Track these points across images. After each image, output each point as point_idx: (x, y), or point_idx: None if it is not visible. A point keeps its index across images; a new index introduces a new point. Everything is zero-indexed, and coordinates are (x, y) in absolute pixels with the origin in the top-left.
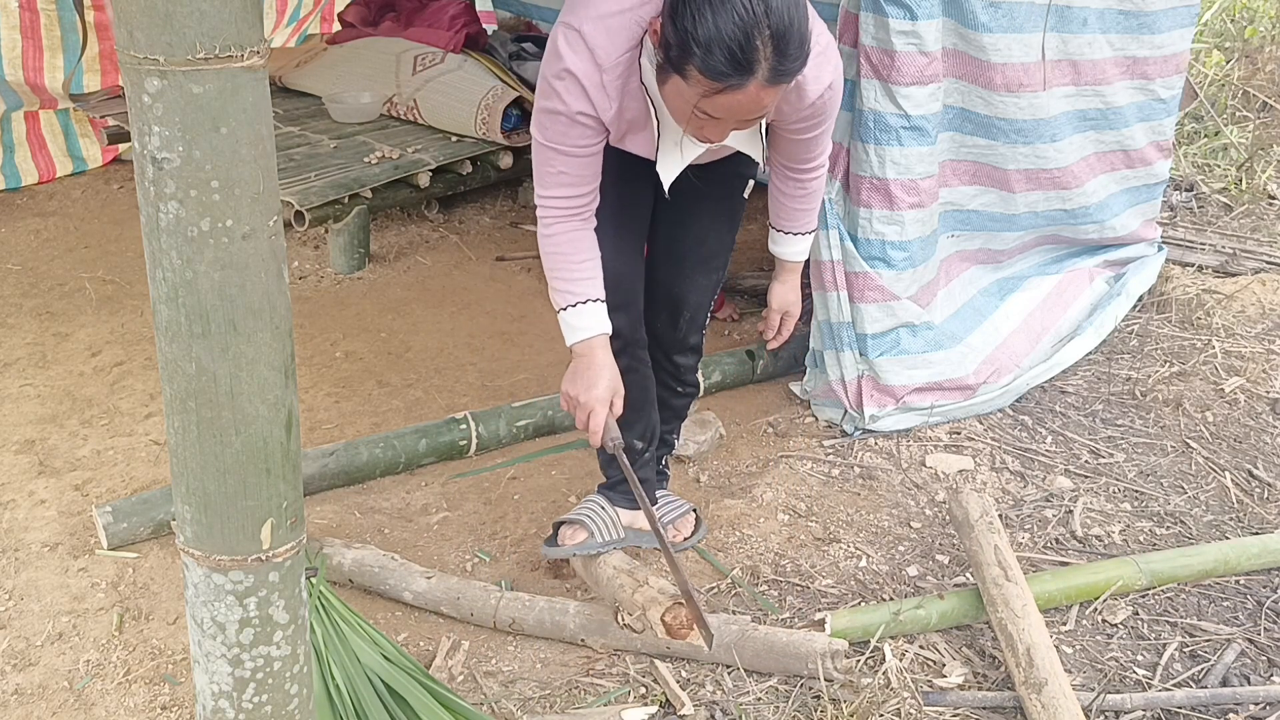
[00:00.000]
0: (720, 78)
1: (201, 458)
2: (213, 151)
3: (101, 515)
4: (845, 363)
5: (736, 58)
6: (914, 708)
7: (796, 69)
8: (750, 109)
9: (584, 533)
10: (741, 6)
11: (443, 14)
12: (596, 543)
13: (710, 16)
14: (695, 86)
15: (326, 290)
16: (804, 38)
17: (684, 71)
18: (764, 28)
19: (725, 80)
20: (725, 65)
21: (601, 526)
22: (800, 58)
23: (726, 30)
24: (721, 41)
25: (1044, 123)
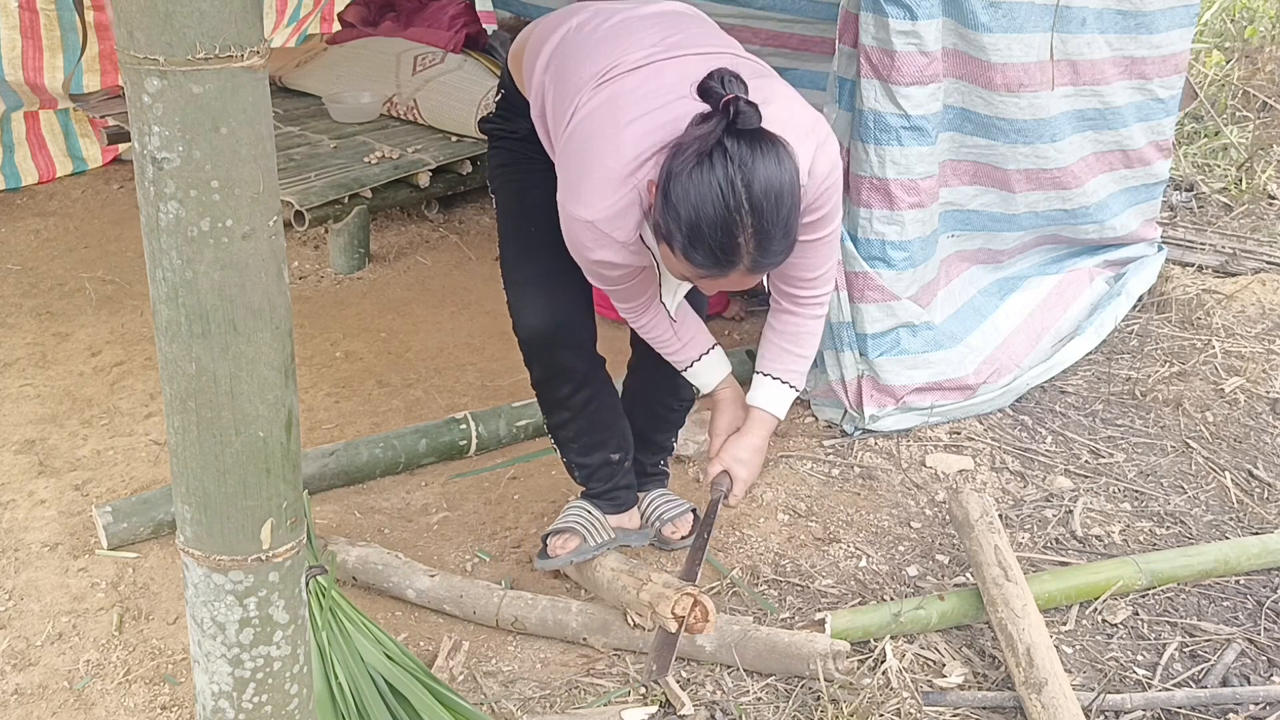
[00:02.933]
0: (702, 267)
1: (201, 458)
2: (213, 151)
3: (101, 515)
4: (845, 363)
5: (716, 254)
6: (914, 708)
7: (780, 260)
8: (739, 285)
9: (576, 539)
10: (724, 204)
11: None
12: (590, 546)
13: (695, 209)
14: (682, 265)
15: (326, 290)
16: (789, 229)
17: (672, 249)
18: (746, 226)
19: (706, 270)
20: (706, 259)
21: (592, 530)
22: (784, 251)
23: (708, 226)
24: (703, 236)
25: (1044, 123)
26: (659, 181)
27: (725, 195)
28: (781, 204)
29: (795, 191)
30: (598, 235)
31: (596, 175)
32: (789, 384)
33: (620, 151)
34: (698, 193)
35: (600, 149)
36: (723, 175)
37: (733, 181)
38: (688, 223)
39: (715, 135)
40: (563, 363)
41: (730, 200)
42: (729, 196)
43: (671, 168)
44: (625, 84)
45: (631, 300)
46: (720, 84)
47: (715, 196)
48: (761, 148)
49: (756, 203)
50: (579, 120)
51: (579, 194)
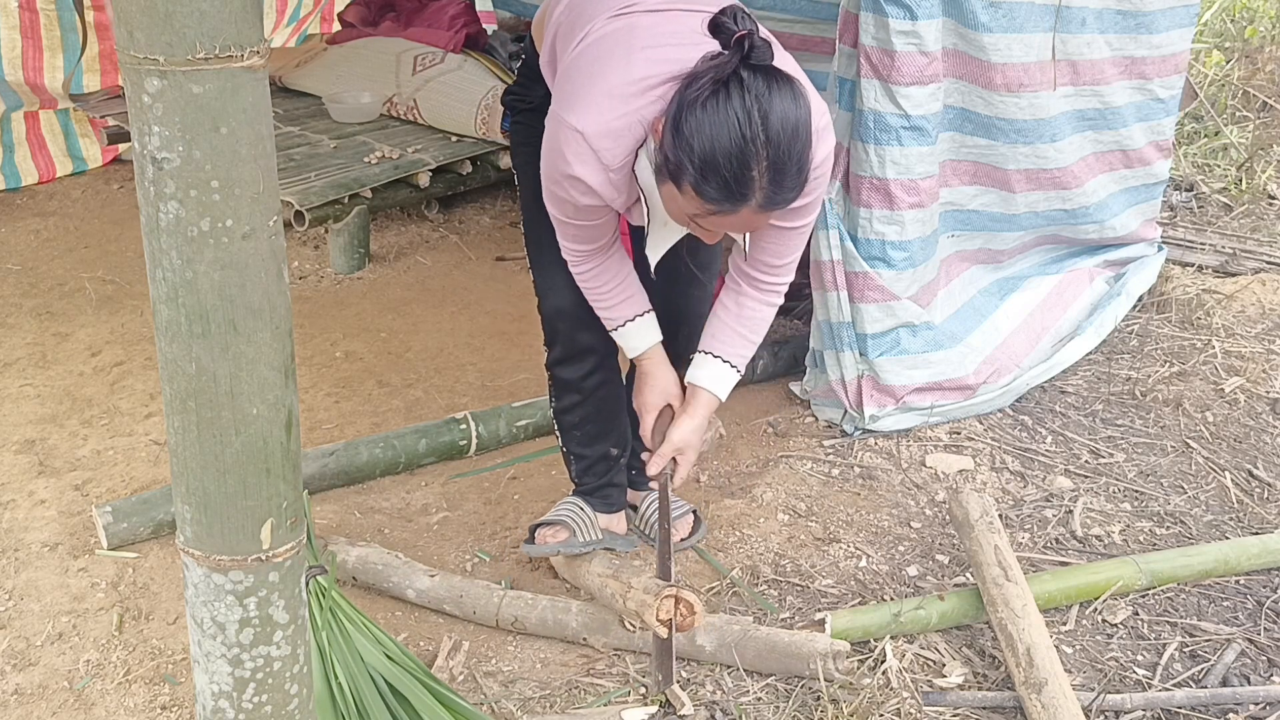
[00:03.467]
0: (713, 202)
1: (201, 458)
2: (213, 151)
3: (101, 515)
4: (845, 363)
5: (730, 186)
6: (914, 708)
7: (792, 198)
8: (744, 227)
9: (565, 531)
10: (739, 135)
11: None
12: (578, 542)
13: (710, 139)
14: (690, 202)
15: (326, 290)
16: (802, 166)
17: (679, 185)
18: (762, 158)
19: (718, 205)
20: (718, 191)
21: (581, 527)
22: (797, 187)
23: (723, 157)
24: (717, 167)
25: (1044, 123)
26: (669, 114)
27: (742, 125)
28: (797, 139)
29: (809, 129)
30: (583, 150)
31: (600, 88)
32: (735, 366)
33: (630, 70)
34: (713, 122)
35: (608, 66)
36: (739, 105)
37: (749, 112)
38: (701, 153)
39: (731, 66)
40: (584, 342)
41: (747, 130)
42: (745, 127)
43: (684, 98)
44: (643, 20)
45: (585, 243)
46: (733, 20)
47: (732, 125)
48: (777, 82)
49: (774, 134)
50: (590, 41)
51: (575, 103)
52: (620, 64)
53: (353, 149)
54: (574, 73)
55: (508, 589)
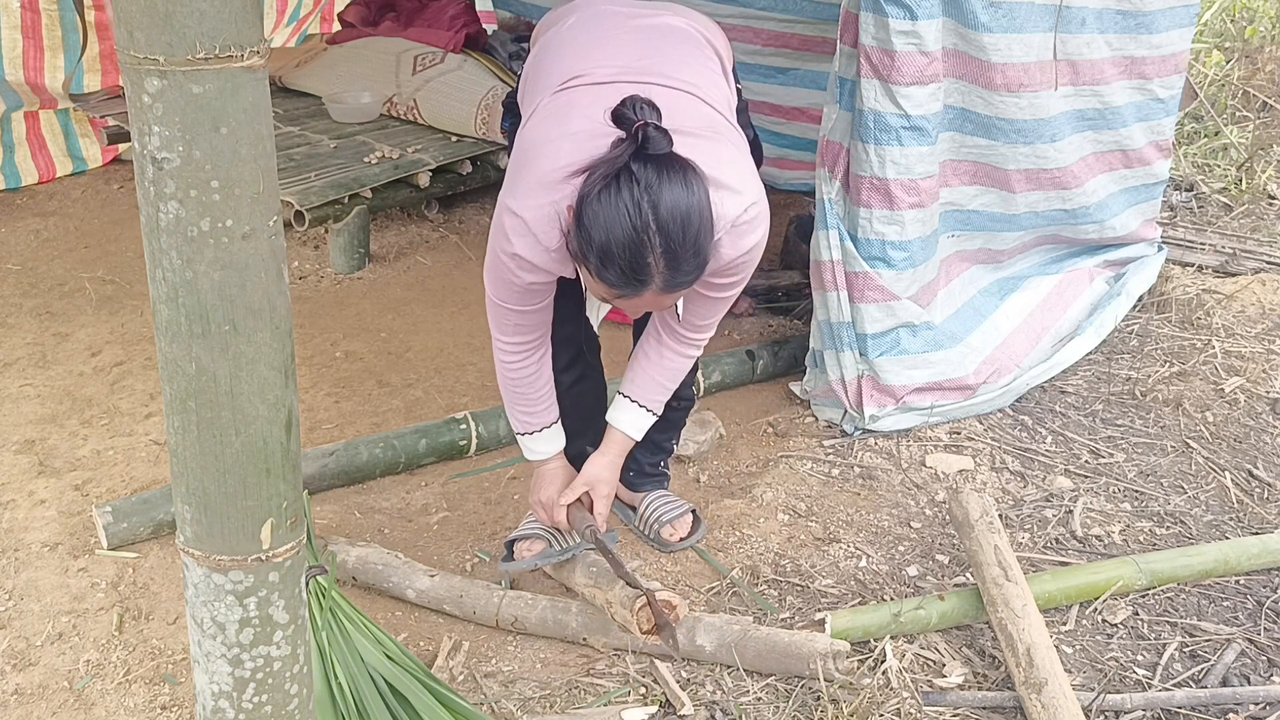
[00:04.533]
0: (615, 287)
1: (201, 458)
2: (213, 151)
3: (101, 515)
4: (845, 363)
5: (627, 274)
6: (914, 708)
7: (692, 279)
8: (654, 306)
9: (540, 543)
10: (630, 224)
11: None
12: (555, 551)
13: (604, 231)
14: (597, 286)
15: (326, 290)
16: (699, 249)
17: (588, 271)
18: (655, 245)
19: (620, 290)
20: (618, 279)
21: (556, 535)
22: (696, 269)
23: (617, 247)
24: (613, 257)
25: (1044, 123)
26: (574, 208)
27: (632, 218)
28: (689, 226)
29: (705, 213)
30: (524, 232)
31: (533, 176)
32: (650, 411)
33: (556, 158)
34: (606, 215)
35: (539, 152)
36: (629, 198)
37: (639, 204)
38: (599, 244)
39: (622, 160)
40: (564, 333)
41: (636, 222)
42: (635, 219)
43: (582, 191)
44: (582, 97)
45: (524, 334)
46: (632, 110)
47: (623, 219)
48: (668, 172)
49: (664, 224)
50: (534, 121)
51: (515, 189)
52: (549, 151)
53: (353, 149)
54: (517, 156)
55: (508, 589)
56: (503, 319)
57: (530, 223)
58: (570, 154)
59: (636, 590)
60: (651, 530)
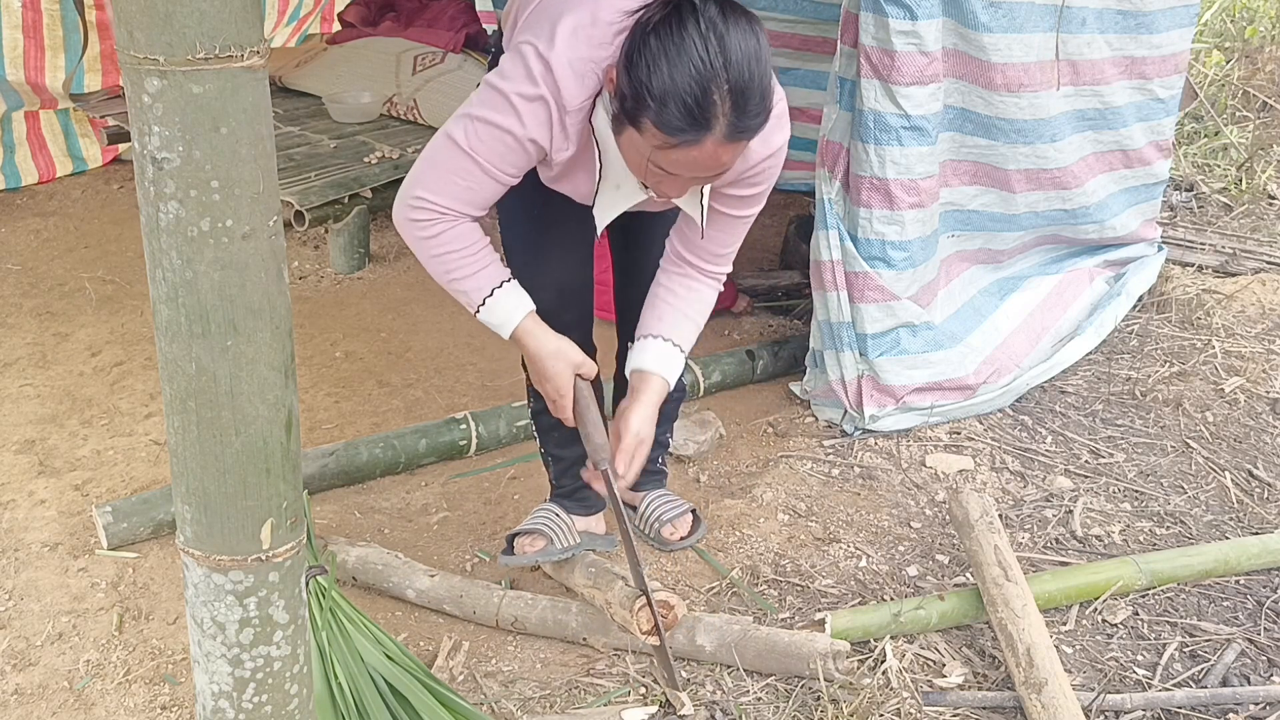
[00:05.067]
0: (675, 133)
1: (201, 458)
2: (213, 151)
3: (101, 515)
4: (845, 363)
5: (693, 113)
6: (914, 708)
7: (757, 125)
8: (708, 165)
9: (542, 540)
10: (699, 59)
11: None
12: (556, 549)
13: (666, 68)
14: (650, 140)
15: (326, 290)
16: (765, 93)
17: (639, 124)
18: (722, 82)
19: (680, 136)
20: (680, 120)
21: (559, 534)
22: (761, 114)
23: (683, 84)
24: (677, 95)
25: (1044, 123)
26: (623, 53)
27: (699, 49)
28: (756, 66)
29: (768, 59)
30: (545, 78)
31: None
32: (682, 349)
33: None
34: (668, 49)
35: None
36: (695, 31)
37: (705, 37)
38: (660, 82)
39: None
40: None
41: (705, 54)
42: (702, 51)
43: (636, 29)
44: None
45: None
46: None
47: (689, 50)
48: (730, 9)
49: (733, 58)
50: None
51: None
52: (586, 6)
53: (353, 149)
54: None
55: (508, 589)
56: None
57: (558, 72)
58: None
59: (636, 590)
60: (651, 529)
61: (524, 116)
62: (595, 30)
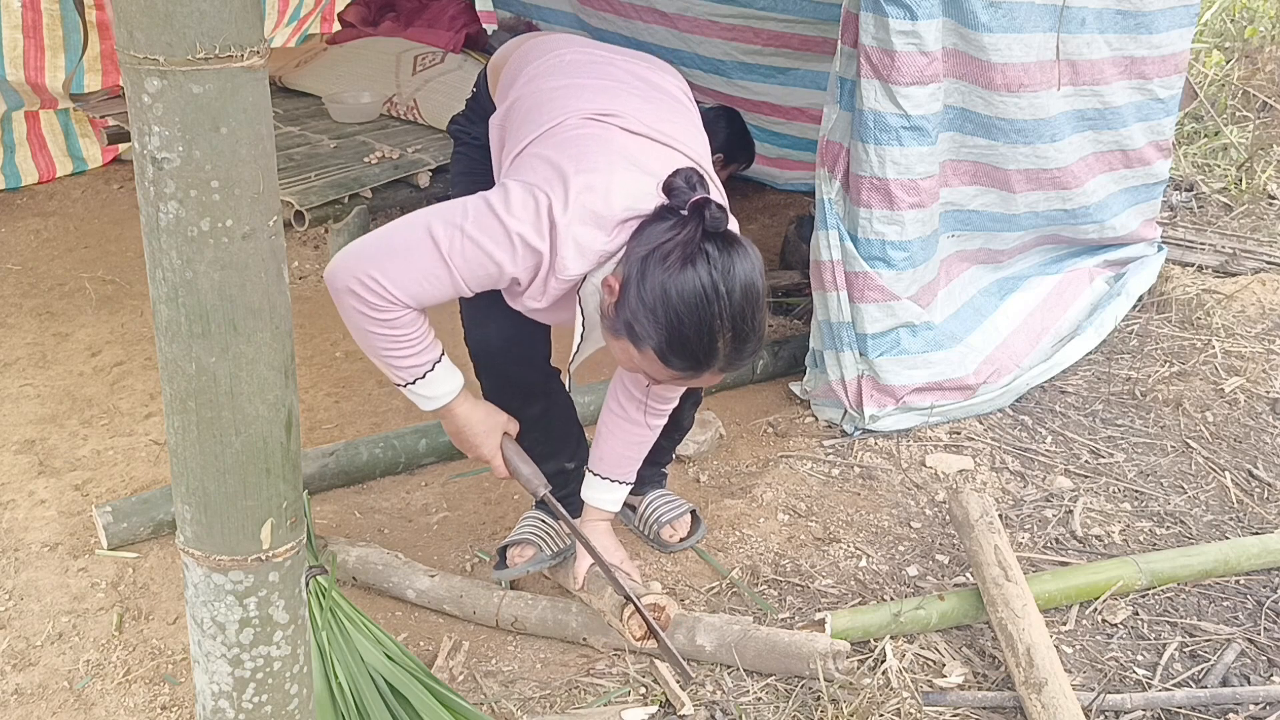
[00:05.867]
0: (678, 370)
1: (201, 458)
2: (213, 151)
3: (101, 515)
4: (845, 363)
5: (696, 357)
6: (914, 708)
7: (749, 361)
8: (699, 385)
9: (531, 549)
10: (709, 310)
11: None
12: (546, 556)
13: (677, 315)
14: (649, 364)
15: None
16: (760, 331)
17: (640, 349)
18: (726, 329)
19: (681, 373)
20: (684, 363)
21: (547, 539)
22: (756, 349)
23: (692, 331)
24: (685, 341)
25: (1044, 123)
26: (628, 276)
27: (710, 300)
28: (757, 307)
29: (764, 289)
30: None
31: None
32: (624, 483)
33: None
34: (682, 297)
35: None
36: (707, 280)
37: (717, 286)
38: (669, 327)
39: (695, 239)
40: (513, 377)
41: (715, 306)
42: (714, 302)
43: (649, 269)
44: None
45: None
46: (686, 183)
47: (701, 302)
48: (735, 249)
49: (737, 306)
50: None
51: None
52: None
53: (353, 149)
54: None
55: (508, 589)
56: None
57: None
58: (622, 199)
59: (623, 598)
60: (651, 530)
61: (517, 257)
62: (607, 212)
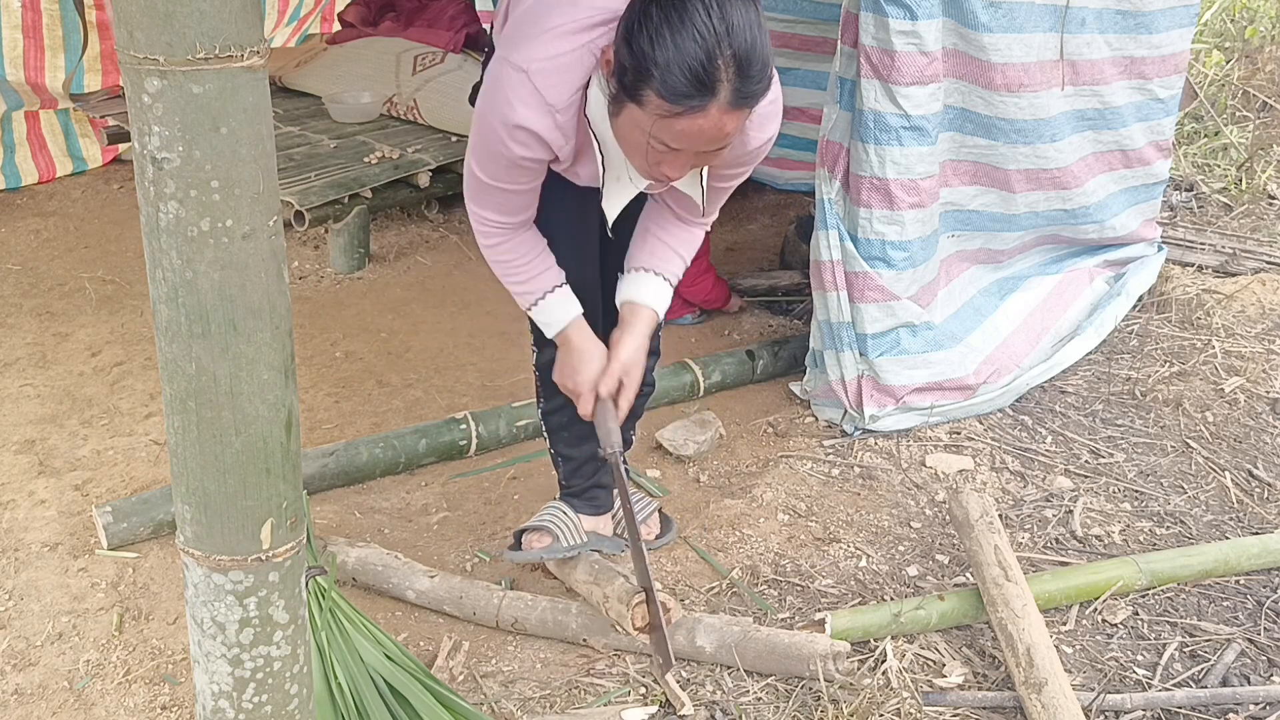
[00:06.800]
0: (680, 99)
1: (201, 458)
2: (213, 151)
3: (101, 515)
4: (845, 363)
5: (699, 77)
6: (914, 708)
7: (760, 91)
8: (712, 135)
9: (549, 537)
10: (702, 24)
11: (443, 14)
12: (562, 547)
13: (669, 36)
14: (653, 112)
15: (326, 290)
16: (766, 60)
17: (641, 97)
18: (725, 47)
19: (686, 102)
20: (686, 85)
21: (565, 532)
22: (764, 80)
23: (687, 50)
24: (682, 61)
25: (1044, 123)
26: (620, 28)
27: (701, 17)
28: (759, 31)
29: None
30: (526, 90)
31: (542, 28)
32: (670, 282)
33: (575, 11)
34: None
35: (554, 11)
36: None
37: (709, 6)
38: (665, 52)
39: None
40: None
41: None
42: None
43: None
44: None
45: (506, 214)
46: None
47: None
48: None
49: (734, 24)
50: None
51: (520, 44)
52: (566, 6)
53: (353, 149)
54: (520, 21)
55: (508, 589)
56: (484, 195)
57: (535, 74)
58: (589, 9)
59: (635, 586)
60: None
61: (509, 144)
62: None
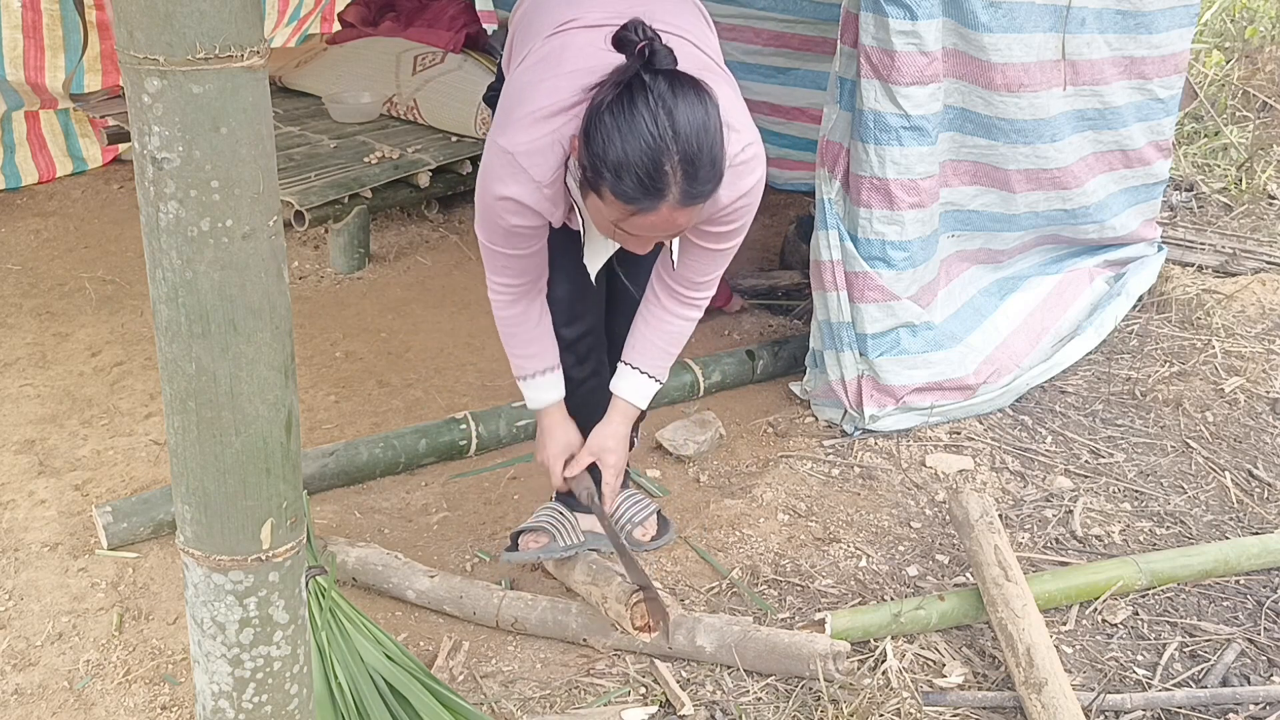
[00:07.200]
0: (631, 202)
1: (201, 458)
2: (213, 151)
3: (101, 515)
4: (845, 363)
5: (645, 183)
6: (914, 708)
7: (709, 190)
8: (665, 228)
9: (545, 537)
10: (648, 132)
11: (443, 14)
12: (559, 546)
13: (619, 142)
14: (611, 207)
15: (326, 290)
16: (715, 159)
17: (600, 193)
18: (673, 151)
19: (636, 204)
20: (634, 190)
21: (562, 531)
22: (713, 180)
23: (635, 157)
24: (630, 167)
25: (1044, 123)
26: (582, 128)
27: (647, 123)
28: (705, 134)
29: (718, 125)
30: (514, 169)
31: (525, 110)
32: (654, 378)
33: (553, 94)
34: (620, 123)
35: (536, 91)
36: (643, 105)
37: (654, 111)
38: (614, 155)
39: (632, 70)
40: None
41: (653, 128)
42: (651, 125)
43: (592, 107)
44: (576, 39)
45: (515, 277)
46: (634, 32)
47: (639, 124)
48: (680, 83)
49: (681, 129)
50: (527, 65)
51: (505, 126)
52: (546, 89)
53: (353, 149)
54: (507, 97)
55: (508, 589)
56: (493, 260)
57: (520, 155)
58: (566, 90)
59: (634, 585)
60: (624, 531)
61: (502, 214)
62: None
